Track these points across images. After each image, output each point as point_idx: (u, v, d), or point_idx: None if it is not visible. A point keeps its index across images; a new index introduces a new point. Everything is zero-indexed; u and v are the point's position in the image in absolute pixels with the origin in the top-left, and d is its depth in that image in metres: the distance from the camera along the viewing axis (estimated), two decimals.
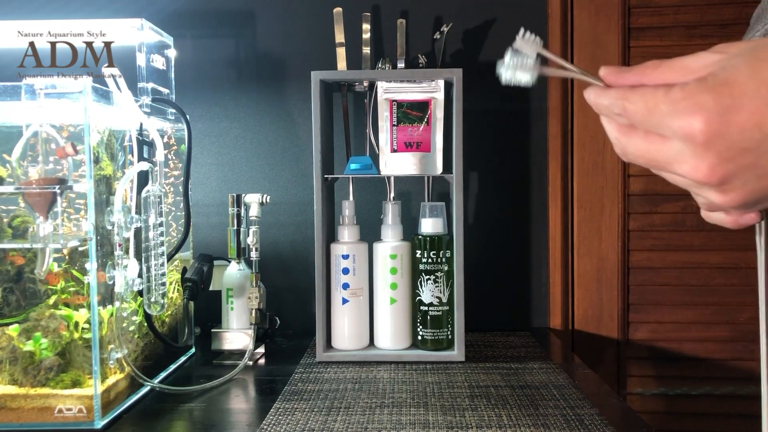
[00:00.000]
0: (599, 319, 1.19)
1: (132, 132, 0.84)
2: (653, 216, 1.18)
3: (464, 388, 0.85)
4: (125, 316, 0.81)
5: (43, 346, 0.75)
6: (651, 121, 0.37)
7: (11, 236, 0.80)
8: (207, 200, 1.21)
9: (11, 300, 0.80)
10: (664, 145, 0.37)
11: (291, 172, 1.21)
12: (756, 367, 1.18)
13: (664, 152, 0.37)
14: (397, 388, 0.85)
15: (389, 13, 1.19)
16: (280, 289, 1.16)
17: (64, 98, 0.74)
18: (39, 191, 0.73)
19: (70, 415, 0.73)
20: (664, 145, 0.37)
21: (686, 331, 1.18)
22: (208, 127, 1.21)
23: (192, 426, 0.75)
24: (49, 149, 0.75)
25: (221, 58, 1.22)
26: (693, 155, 0.35)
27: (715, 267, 1.17)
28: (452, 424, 0.72)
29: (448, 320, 0.98)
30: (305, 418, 0.75)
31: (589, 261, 1.19)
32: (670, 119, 0.35)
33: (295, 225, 1.20)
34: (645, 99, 0.37)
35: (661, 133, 0.36)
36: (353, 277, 0.98)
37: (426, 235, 0.98)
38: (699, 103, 0.34)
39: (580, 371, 0.93)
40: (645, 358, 1.19)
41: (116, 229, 0.77)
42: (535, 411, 0.76)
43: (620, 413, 0.77)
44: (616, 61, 1.16)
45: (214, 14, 1.22)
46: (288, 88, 1.21)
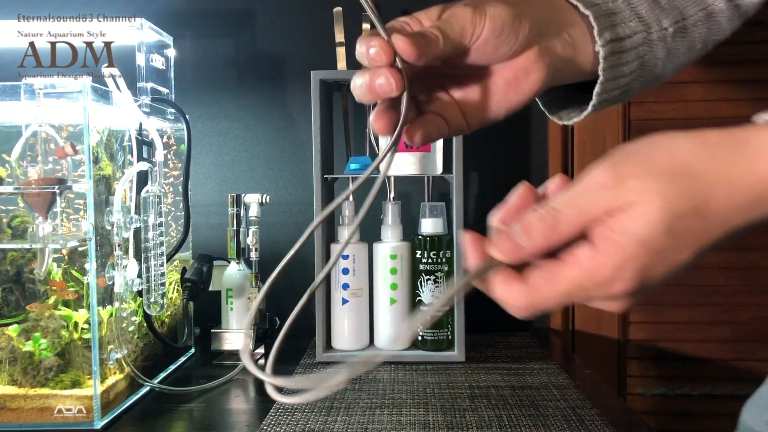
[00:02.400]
0: (600, 319, 1.19)
1: (131, 132, 0.83)
2: None
3: (464, 388, 0.84)
4: (125, 317, 0.81)
5: (42, 347, 0.75)
6: (571, 301, 0.37)
7: (10, 236, 0.80)
8: (206, 200, 1.21)
9: (11, 300, 0.79)
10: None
11: (291, 172, 1.21)
12: (756, 368, 1.18)
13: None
14: (397, 389, 0.85)
15: (389, 12, 1.18)
16: (279, 290, 1.15)
17: (63, 98, 0.73)
18: (38, 191, 0.73)
19: (70, 415, 0.73)
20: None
21: (687, 331, 1.18)
22: (207, 127, 1.21)
23: (192, 426, 0.75)
24: (49, 149, 0.74)
25: (221, 57, 1.21)
26: (605, 300, 0.37)
27: (716, 267, 1.17)
28: (452, 425, 0.72)
29: (449, 320, 0.98)
30: (305, 418, 0.75)
31: None
32: (593, 294, 0.36)
33: (295, 225, 1.20)
34: (566, 293, 0.36)
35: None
36: (353, 278, 0.98)
37: (426, 235, 0.98)
38: (624, 279, 0.35)
39: (581, 371, 0.92)
40: (646, 358, 1.19)
41: (116, 230, 0.77)
42: (535, 411, 0.76)
43: (621, 413, 0.77)
44: None
45: (214, 14, 1.22)
46: (288, 87, 1.21)
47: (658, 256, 0.35)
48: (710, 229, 0.35)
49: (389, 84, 0.39)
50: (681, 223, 0.34)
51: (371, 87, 0.39)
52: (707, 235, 0.35)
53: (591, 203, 0.35)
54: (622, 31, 0.47)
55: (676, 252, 0.35)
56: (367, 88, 0.40)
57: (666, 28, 0.49)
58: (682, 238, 0.34)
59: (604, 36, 0.46)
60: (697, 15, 0.52)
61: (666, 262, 0.35)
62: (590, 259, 0.35)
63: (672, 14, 0.50)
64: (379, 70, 0.39)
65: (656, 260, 0.35)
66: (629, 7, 0.49)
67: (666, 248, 0.34)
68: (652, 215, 0.34)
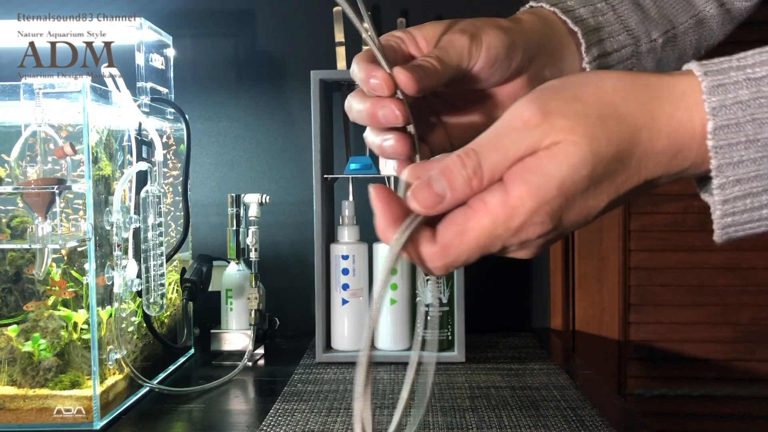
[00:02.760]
0: (600, 319, 1.19)
1: (131, 132, 0.83)
2: (654, 216, 1.18)
3: (465, 389, 0.84)
4: (124, 317, 0.81)
5: (41, 347, 0.75)
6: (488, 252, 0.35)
7: (10, 236, 0.80)
8: (206, 200, 1.21)
9: (10, 300, 0.79)
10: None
11: (290, 172, 1.21)
12: (757, 368, 1.17)
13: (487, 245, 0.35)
14: (397, 389, 0.84)
15: (389, 12, 1.18)
16: (279, 290, 1.16)
17: (62, 98, 0.73)
18: (37, 191, 0.73)
19: (69, 415, 0.73)
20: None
21: (687, 331, 1.18)
22: (207, 126, 1.21)
23: (191, 427, 0.75)
24: (48, 149, 0.74)
25: (220, 57, 1.21)
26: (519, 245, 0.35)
27: (716, 267, 1.17)
28: (452, 425, 0.72)
29: (449, 321, 0.98)
30: (305, 419, 0.74)
31: (589, 261, 1.19)
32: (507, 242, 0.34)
33: (294, 225, 1.20)
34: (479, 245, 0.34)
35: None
36: (353, 278, 0.98)
37: None
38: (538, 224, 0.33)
39: (581, 372, 0.92)
40: (646, 358, 1.19)
41: (115, 230, 0.77)
42: (535, 412, 0.75)
43: (621, 414, 0.77)
44: None
45: (214, 13, 1.22)
46: (287, 87, 1.21)
47: (575, 201, 0.33)
48: (629, 176, 0.33)
49: (395, 116, 0.38)
50: (604, 168, 0.33)
51: (373, 116, 0.39)
52: (626, 183, 0.34)
53: (514, 143, 0.33)
54: (609, 45, 0.47)
55: (593, 198, 0.33)
56: (368, 116, 0.39)
57: (655, 39, 0.49)
58: (601, 183, 0.33)
59: (591, 52, 0.46)
60: (688, 23, 0.52)
61: (583, 207, 0.34)
62: (503, 205, 0.33)
63: (662, 24, 0.50)
64: (382, 101, 0.39)
65: (572, 204, 0.33)
66: (618, 20, 0.49)
67: (584, 193, 0.33)
68: (577, 157, 0.32)
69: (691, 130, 0.33)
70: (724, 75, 0.32)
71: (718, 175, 0.33)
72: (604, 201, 0.34)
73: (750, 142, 0.32)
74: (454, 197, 0.34)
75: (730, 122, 0.32)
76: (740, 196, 0.33)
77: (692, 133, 0.33)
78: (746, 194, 0.33)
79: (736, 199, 0.33)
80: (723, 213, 0.33)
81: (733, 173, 0.32)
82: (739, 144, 0.32)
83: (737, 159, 0.32)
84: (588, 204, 0.34)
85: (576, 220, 0.34)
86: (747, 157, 0.32)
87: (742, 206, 0.33)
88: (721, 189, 0.33)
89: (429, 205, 0.34)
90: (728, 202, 0.33)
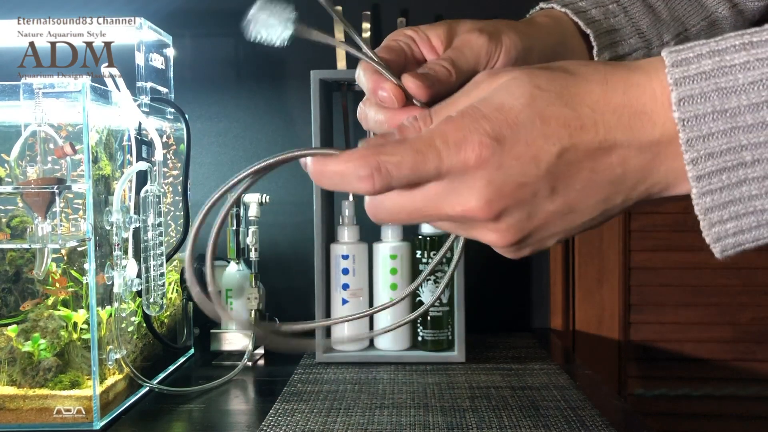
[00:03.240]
0: (600, 319, 1.19)
1: (131, 131, 0.83)
2: (655, 216, 1.18)
3: (465, 389, 0.84)
4: (124, 317, 0.80)
5: (41, 347, 0.75)
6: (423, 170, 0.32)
7: (9, 236, 0.80)
8: (206, 200, 1.20)
9: (10, 300, 0.79)
10: (430, 189, 0.33)
11: (290, 172, 1.21)
12: (757, 368, 1.17)
13: (432, 197, 0.33)
14: (397, 390, 0.84)
15: (389, 12, 1.18)
16: (279, 290, 1.15)
17: (62, 98, 0.73)
18: (37, 191, 0.73)
19: (69, 416, 0.73)
20: (430, 189, 0.33)
21: (687, 331, 1.18)
22: (207, 126, 1.21)
23: (191, 427, 0.75)
24: (48, 149, 0.74)
25: (220, 57, 1.21)
26: (468, 189, 0.32)
27: (717, 267, 1.17)
28: (452, 425, 0.72)
29: (449, 321, 0.98)
30: (305, 419, 0.74)
31: (589, 261, 1.19)
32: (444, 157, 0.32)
33: (294, 225, 1.20)
34: (414, 149, 0.32)
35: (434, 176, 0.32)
36: (353, 278, 0.98)
37: (426, 235, 0.98)
38: (476, 140, 0.31)
39: (581, 372, 0.92)
40: (646, 359, 1.19)
41: (115, 230, 0.77)
42: (535, 412, 0.75)
43: (621, 414, 0.77)
44: None
45: (213, 13, 1.21)
46: (287, 87, 1.21)
47: (520, 132, 0.31)
48: (584, 125, 0.31)
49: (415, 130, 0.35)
50: (545, 102, 0.31)
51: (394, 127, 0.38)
52: (583, 132, 0.31)
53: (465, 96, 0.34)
54: (621, 49, 0.47)
55: (542, 136, 0.31)
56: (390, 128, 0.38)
57: (667, 42, 0.49)
58: (548, 122, 0.31)
59: (603, 56, 0.46)
60: (700, 25, 0.51)
61: (531, 144, 0.31)
62: (444, 122, 0.32)
63: (673, 26, 0.50)
64: (398, 113, 0.38)
65: (517, 136, 0.31)
66: (630, 22, 0.48)
67: (530, 126, 0.31)
68: (515, 86, 0.32)
69: (651, 91, 0.31)
70: (688, 50, 0.31)
71: (688, 150, 0.31)
72: (555, 145, 0.31)
73: (717, 113, 0.30)
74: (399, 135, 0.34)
75: (694, 92, 0.30)
76: (714, 171, 0.31)
77: (652, 94, 0.31)
78: (720, 169, 0.31)
79: (711, 174, 0.31)
80: (700, 191, 0.31)
81: (703, 147, 0.30)
82: (707, 115, 0.30)
83: (706, 131, 0.30)
84: (537, 143, 0.31)
85: (523, 158, 0.32)
86: (716, 129, 0.30)
87: (719, 182, 0.31)
88: (693, 164, 0.31)
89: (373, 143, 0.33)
90: (702, 178, 0.31)
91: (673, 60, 0.31)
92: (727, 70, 0.30)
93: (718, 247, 0.33)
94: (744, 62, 0.30)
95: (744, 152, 0.30)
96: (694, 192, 0.31)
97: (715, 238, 0.33)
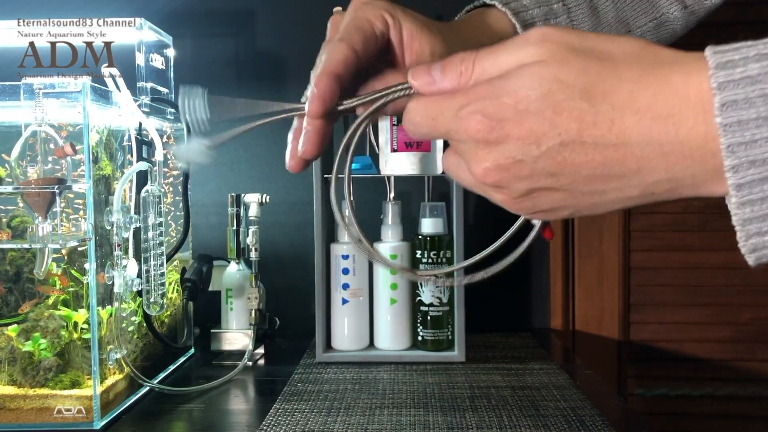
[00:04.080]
0: (600, 319, 1.19)
1: (131, 132, 0.83)
2: (654, 216, 1.18)
3: (465, 388, 0.84)
4: (124, 317, 0.81)
5: (42, 347, 0.75)
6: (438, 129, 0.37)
7: (10, 236, 0.80)
8: (206, 200, 1.21)
9: (10, 300, 0.79)
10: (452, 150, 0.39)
11: (290, 172, 1.21)
12: (757, 368, 1.17)
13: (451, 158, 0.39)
14: (398, 389, 0.84)
15: None
16: (279, 290, 1.15)
17: (62, 98, 0.73)
18: (38, 191, 0.73)
19: (69, 415, 0.73)
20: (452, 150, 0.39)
21: (687, 331, 1.18)
22: None
23: (191, 427, 0.75)
24: (48, 149, 0.74)
25: (220, 57, 1.21)
26: (473, 156, 0.36)
27: (717, 267, 1.17)
28: (453, 425, 0.72)
29: (449, 321, 0.98)
30: (305, 419, 0.74)
31: (589, 261, 1.19)
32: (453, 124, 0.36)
33: (294, 225, 1.20)
34: (428, 109, 0.37)
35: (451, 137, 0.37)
36: (353, 278, 0.98)
37: (426, 235, 0.98)
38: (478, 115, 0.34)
39: (581, 372, 0.92)
40: (646, 358, 1.19)
41: (115, 230, 0.77)
42: (535, 412, 0.75)
43: (621, 414, 0.77)
44: None
45: (214, 13, 1.22)
46: (287, 87, 1.21)
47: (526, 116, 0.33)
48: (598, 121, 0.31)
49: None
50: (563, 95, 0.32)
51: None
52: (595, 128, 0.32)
53: (508, 53, 0.35)
54: None
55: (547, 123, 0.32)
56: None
57: None
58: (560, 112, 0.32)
59: None
60: (647, 26, 0.50)
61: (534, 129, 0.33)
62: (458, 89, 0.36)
63: (615, 29, 0.49)
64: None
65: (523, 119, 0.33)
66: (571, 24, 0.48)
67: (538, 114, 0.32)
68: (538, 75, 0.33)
69: (685, 93, 0.30)
70: (734, 52, 0.30)
71: (729, 156, 0.29)
72: (561, 135, 0.32)
73: (762, 120, 0.29)
74: (443, 83, 0.37)
75: (738, 97, 0.29)
76: (756, 180, 0.29)
77: (685, 96, 0.30)
78: (763, 178, 0.29)
79: (752, 183, 0.29)
80: (739, 201, 0.30)
81: (745, 154, 0.29)
82: (750, 122, 0.29)
83: (749, 138, 0.29)
84: (542, 129, 0.32)
85: (524, 140, 0.33)
86: (760, 136, 0.29)
87: (760, 192, 0.29)
88: (734, 171, 0.29)
89: (423, 83, 0.38)
90: (743, 187, 0.29)
91: (718, 62, 0.30)
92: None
93: (753, 257, 0.32)
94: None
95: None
96: (734, 201, 0.30)
97: (752, 248, 0.32)
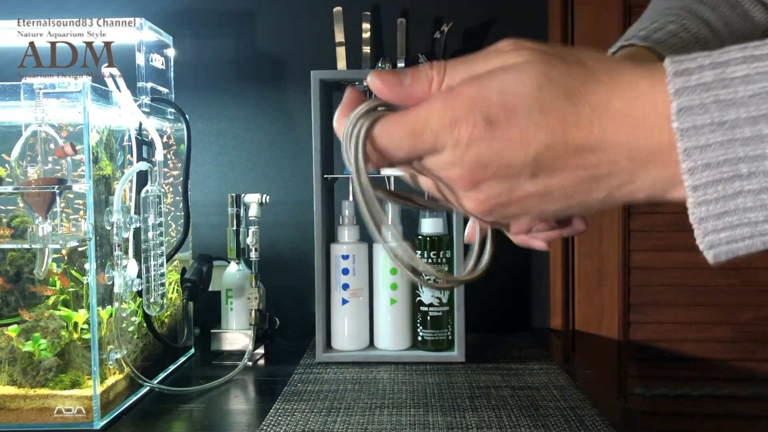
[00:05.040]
0: (600, 319, 1.19)
1: (131, 132, 0.83)
2: (654, 216, 1.18)
3: (464, 388, 0.84)
4: (124, 317, 0.81)
5: (42, 347, 0.75)
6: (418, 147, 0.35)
7: (10, 236, 0.80)
8: (206, 200, 1.21)
9: (10, 300, 0.79)
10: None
11: (290, 172, 1.21)
12: (757, 368, 1.17)
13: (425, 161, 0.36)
14: (397, 389, 0.84)
15: (389, 12, 1.18)
16: (279, 290, 1.16)
17: (63, 98, 0.73)
18: (38, 191, 0.73)
19: (70, 415, 0.73)
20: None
21: (687, 331, 1.18)
22: (207, 126, 1.21)
23: (191, 427, 0.75)
24: (48, 149, 0.74)
25: (221, 57, 1.21)
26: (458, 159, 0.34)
27: (717, 267, 1.17)
28: (452, 425, 0.72)
29: (449, 321, 0.98)
30: (305, 418, 0.75)
31: (589, 261, 1.19)
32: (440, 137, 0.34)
33: (294, 225, 1.20)
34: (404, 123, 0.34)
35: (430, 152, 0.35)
36: (353, 278, 0.98)
37: (426, 235, 0.98)
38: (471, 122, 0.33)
39: (581, 372, 0.92)
40: (646, 358, 1.19)
41: (115, 230, 0.77)
42: (535, 412, 0.75)
43: (621, 414, 0.77)
44: None
45: (214, 14, 1.22)
46: (287, 87, 1.21)
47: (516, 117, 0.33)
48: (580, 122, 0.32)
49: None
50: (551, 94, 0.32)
51: None
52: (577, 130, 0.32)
53: (483, 61, 0.34)
54: None
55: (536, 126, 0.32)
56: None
57: None
58: (547, 113, 0.32)
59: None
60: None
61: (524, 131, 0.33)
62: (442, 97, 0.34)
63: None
64: None
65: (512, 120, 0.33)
66: (699, 48, 0.50)
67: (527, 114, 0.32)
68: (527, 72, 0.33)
69: (653, 101, 0.31)
70: (691, 61, 0.31)
71: (686, 159, 0.31)
72: (547, 137, 0.33)
73: (716, 125, 0.30)
74: (412, 86, 0.35)
75: (693, 103, 0.31)
76: (711, 182, 0.31)
77: (654, 105, 0.31)
78: (716, 180, 0.31)
79: (707, 185, 0.31)
80: (695, 201, 0.31)
81: (701, 157, 0.31)
82: (705, 126, 0.30)
83: (704, 142, 0.31)
84: (530, 131, 0.33)
85: (513, 142, 0.33)
86: (714, 140, 0.30)
87: (714, 193, 0.31)
88: (690, 174, 0.31)
89: (388, 83, 0.35)
90: (698, 188, 0.31)
91: (675, 69, 0.31)
92: (727, 83, 0.30)
93: (711, 253, 0.33)
94: (744, 75, 0.30)
95: (741, 164, 0.30)
96: (690, 201, 0.32)
97: (708, 245, 0.33)
